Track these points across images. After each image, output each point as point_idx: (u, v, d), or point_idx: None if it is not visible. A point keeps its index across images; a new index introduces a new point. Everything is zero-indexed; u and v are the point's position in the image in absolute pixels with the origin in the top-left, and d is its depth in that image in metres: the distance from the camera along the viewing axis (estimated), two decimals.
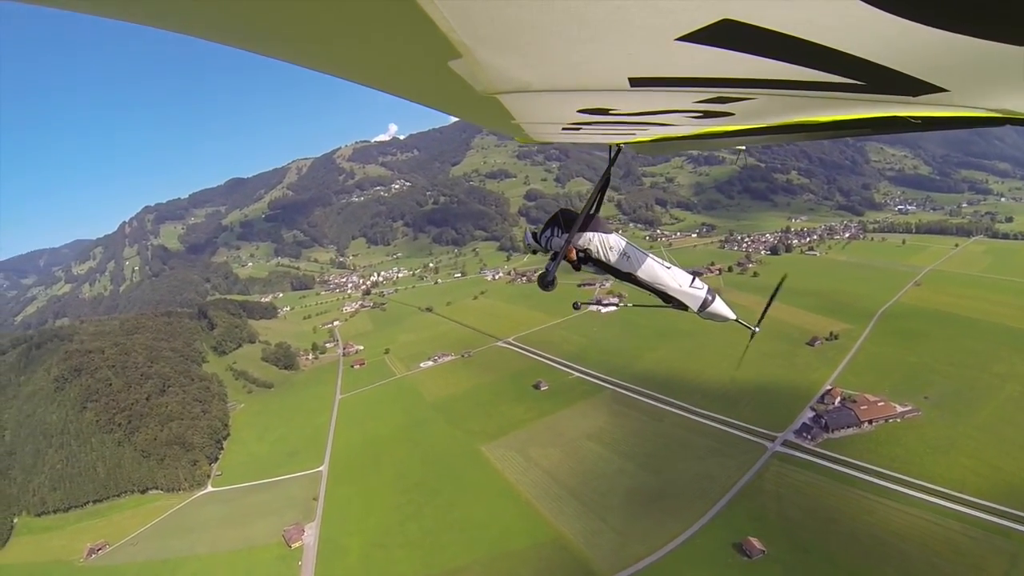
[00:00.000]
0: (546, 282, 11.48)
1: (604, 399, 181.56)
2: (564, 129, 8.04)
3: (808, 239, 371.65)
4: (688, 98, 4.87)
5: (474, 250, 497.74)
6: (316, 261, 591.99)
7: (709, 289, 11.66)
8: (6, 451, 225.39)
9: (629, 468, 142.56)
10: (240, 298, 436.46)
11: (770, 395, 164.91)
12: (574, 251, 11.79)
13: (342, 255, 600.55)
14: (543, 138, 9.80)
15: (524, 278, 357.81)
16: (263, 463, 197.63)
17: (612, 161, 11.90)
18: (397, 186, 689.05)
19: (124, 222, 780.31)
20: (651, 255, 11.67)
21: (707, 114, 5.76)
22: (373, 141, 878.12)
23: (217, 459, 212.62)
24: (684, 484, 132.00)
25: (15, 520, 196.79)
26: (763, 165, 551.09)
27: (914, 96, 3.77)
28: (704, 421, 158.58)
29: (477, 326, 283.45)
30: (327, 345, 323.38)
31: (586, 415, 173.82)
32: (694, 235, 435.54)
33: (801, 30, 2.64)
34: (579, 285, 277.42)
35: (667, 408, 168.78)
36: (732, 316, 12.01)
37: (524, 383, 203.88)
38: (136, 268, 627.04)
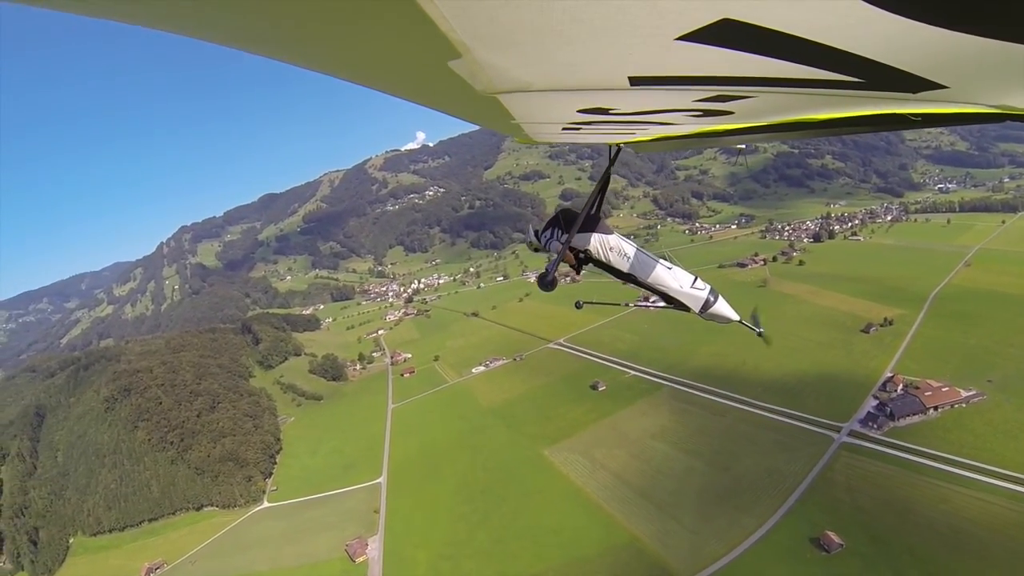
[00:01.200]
0: (545, 282, 11.64)
1: (663, 397, 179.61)
2: (564, 129, 8.26)
3: (850, 224, 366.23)
4: (688, 97, 5.07)
5: (514, 252, 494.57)
6: (355, 271, 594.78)
7: (711, 290, 11.78)
8: (59, 472, 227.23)
9: (697, 466, 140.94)
10: (282, 311, 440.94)
11: (831, 385, 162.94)
12: (571, 255, 11.93)
13: (380, 264, 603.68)
14: (543, 138, 10.16)
15: (568, 278, 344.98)
16: (319, 476, 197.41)
17: (612, 161, 11.95)
18: (431, 193, 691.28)
19: (162, 242, 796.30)
20: (652, 255, 11.84)
21: (707, 113, 5.94)
22: (403, 150, 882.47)
23: (271, 474, 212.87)
24: (754, 479, 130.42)
25: (71, 540, 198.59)
26: (796, 151, 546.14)
27: (914, 93, 3.84)
28: (767, 415, 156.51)
29: (525, 328, 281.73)
30: (374, 355, 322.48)
31: (647, 414, 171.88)
32: (733, 226, 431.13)
33: (801, 29, 2.67)
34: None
35: (728, 403, 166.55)
36: (735, 317, 12.14)
37: (581, 384, 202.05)
38: (176, 287, 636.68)
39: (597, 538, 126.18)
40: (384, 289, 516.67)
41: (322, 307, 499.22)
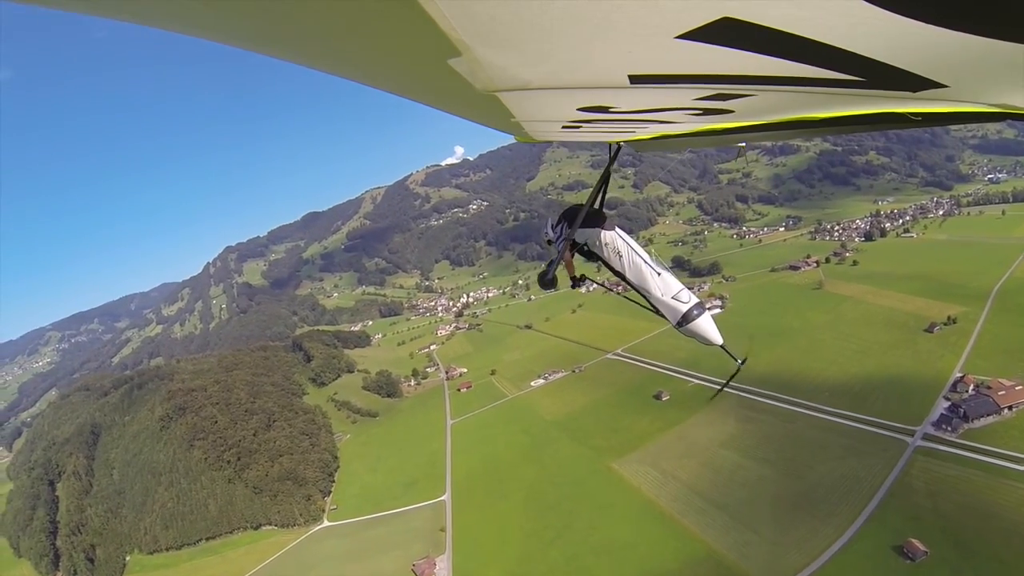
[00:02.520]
0: (545, 281, 12.28)
1: (729, 405, 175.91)
2: (564, 127, 8.28)
3: (901, 221, 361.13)
4: (688, 95, 5.13)
5: (563, 264, 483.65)
6: (402, 287, 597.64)
7: (697, 304, 10.98)
8: (115, 490, 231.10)
9: (770, 474, 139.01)
10: (331, 329, 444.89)
11: (899, 387, 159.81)
12: (571, 256, 12.41)
13: (427, 279, 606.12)
14: (543, 136, 10.06)
15: (620, 287, 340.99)
16: (379, 494, 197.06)
17: (612, 159, 12.00)
18: (475, 206, 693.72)
19: (208, 263, 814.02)
20: (645, 257, 11.50)
21: (707, 111, 6.00)
22: (444, 164, 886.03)
23: (330, 492, 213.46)
24: (830, 487, 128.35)
25: (127, 558, 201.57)
26: (839, 148, 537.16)
27: (914, 92, 3.90)
28: (836, 420, 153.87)
29: (581, 340, 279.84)
30: (428, 370, 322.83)
31: (714, 423, 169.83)
32: (781, 228, 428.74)
33: (801, 28, 2.69)
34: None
35: (795, 409, 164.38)
36: (718, 341, 11.08)
37: (643, 394, 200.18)
38: (223, 306, 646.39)
39: (674, 551, 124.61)
40: (433, 304, 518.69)
41: (371, 323, 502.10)
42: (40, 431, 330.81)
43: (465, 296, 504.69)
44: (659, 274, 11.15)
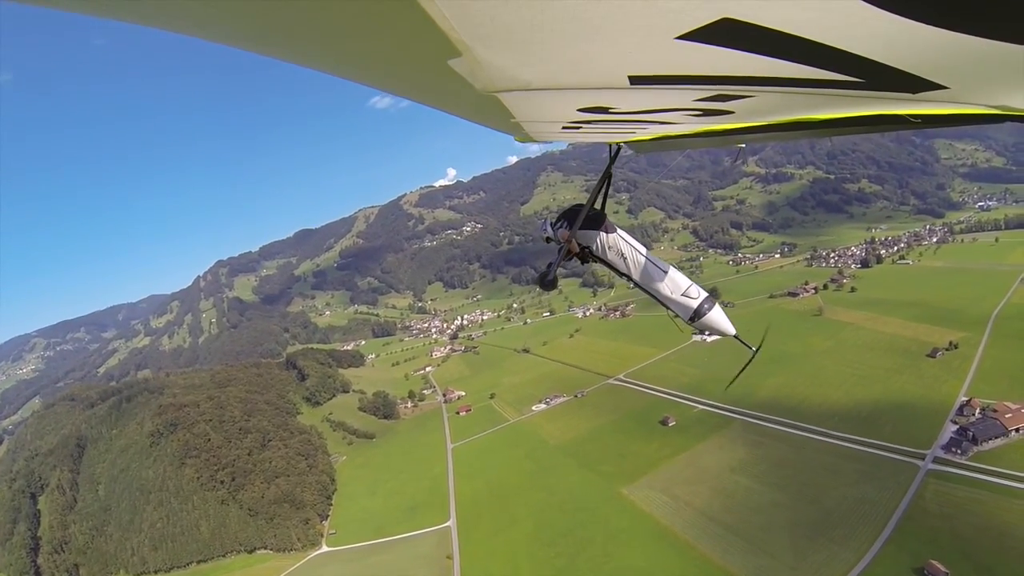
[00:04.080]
0: (546, 281, 12.45)
1: (736, 430, 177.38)
2: (564, 128, 8.36)
3: (896, 248, 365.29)
4: (688, 96, 5.17)
5: (559, 289, 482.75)
6: (394, 307, 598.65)
7: (707, 299, 11.58)
8: (101, 507, 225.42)
9: (783, 500, 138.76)
10: (325, 347, 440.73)
11: (906, 412, 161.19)
12: (576, 245, 12.24)
13: (420, 300, 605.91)
14: (543, 137, 10.13)
15: (617, 313, 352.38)
16: (380, 519, 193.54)
17: (612, 159, 11.95)
18: (469, 228, 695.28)
19: (199, 276, 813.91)
20: (651, 257, 11.86)
21: (707, 112, 6.05)
22: (437, 185, 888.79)
23: (328, 516, 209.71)
24: (845, 511, 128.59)
25: None
26: (832, 176, 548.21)
27: (913, 93, 3.97)
28: (845, 444, 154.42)
29: (582, 364, 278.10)
30: (424, 392, 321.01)
31: (723, 448, 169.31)
32: (777, 255, 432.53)
33: (801, 29, 2.71)
34: None
35: (804, 435, 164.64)
36: (731, 331, 11.73)
37: (649, 420, 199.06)
38: (213, 320, 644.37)
39: None
40: (427, 325, 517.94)
41: (363, 343, 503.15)
42: (23, 440, 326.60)
43: (459, 318, 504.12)
44: (666, 273, 11.69)
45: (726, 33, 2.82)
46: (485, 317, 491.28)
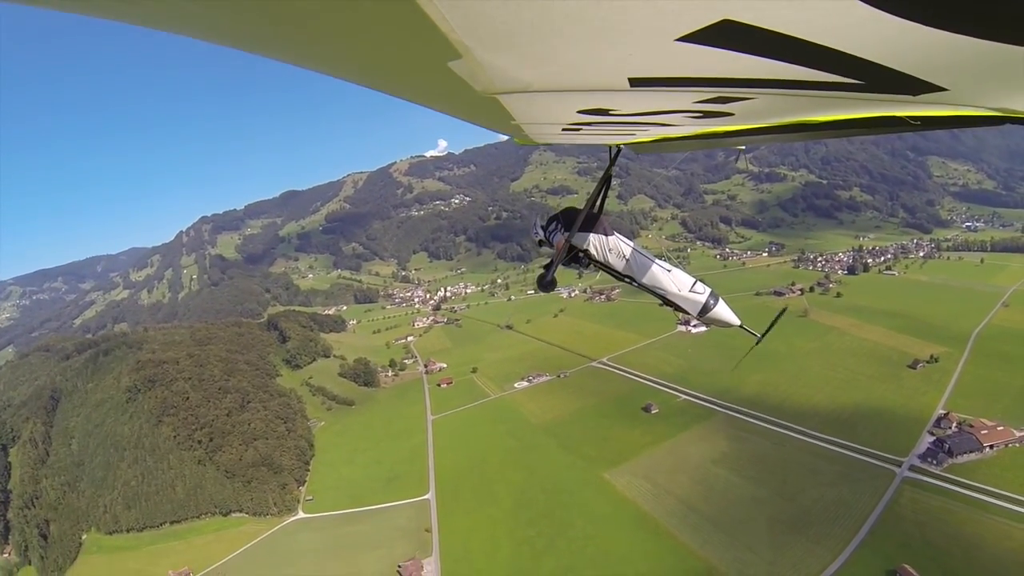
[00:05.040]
0: (544, 283, 12.42)
1: (719, 423, 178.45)
2: (564, 130, 8.43)
3: (883, 258, 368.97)
4: (688, 98, 5.19)
5: (542, 266, 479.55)
6: (378, 274, 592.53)
7: (711, 293, 11.81)
8: (74, 462, 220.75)
9: (762, 495, 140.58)
10: (306, 310, 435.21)
11: (885, 419, 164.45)
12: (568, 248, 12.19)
13: (404, 269, 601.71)
14: (543, 139, 10.24)
15: (602, 296, 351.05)
16: (358, 488, 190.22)
17: (612, 161, 12.02)
18: (457, 201, 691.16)
19: (181, 231, 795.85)
20: (652, 258, 11.97)
21: (707, 114, 6.08)
22: (428, 156, 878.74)
23: (304, 482, 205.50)
24: (822, 511, 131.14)
25: (83, 536, 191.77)
26: (825, 182, 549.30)
27: (913, 95, 3.98)
28: (825, 446, 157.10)
29: (565, 345, 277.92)
30: (405, 361, 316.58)
31: (705, 439, 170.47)
32: (765, 254, 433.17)
33: (801, 30, 2.71)
34: None
35: (785, 432, 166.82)
36: (736, 322, 12.08)
37: (632, 405, 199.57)
38: (194, 276, 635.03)
39: (671, 566, 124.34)
40: (409, 295, 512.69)
41: (345, 308, 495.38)
42: None
43: (443, 290, 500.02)
44: (670, 271, 11.82)
45: (726, 35, 2.81)
46: (469, 291, 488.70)
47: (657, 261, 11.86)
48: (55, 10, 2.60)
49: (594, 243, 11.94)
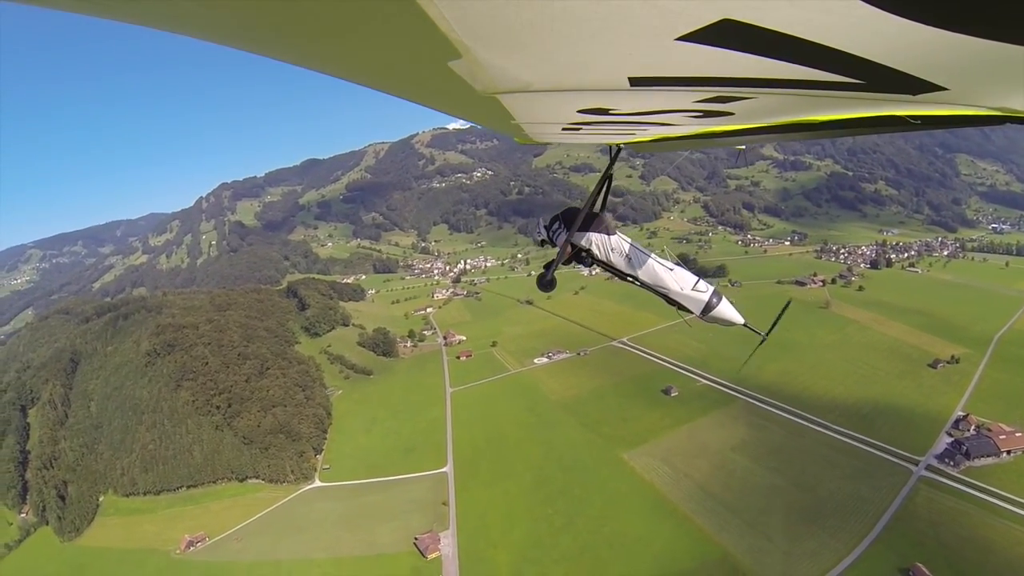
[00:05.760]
0: (544, 282, 12.31)
1: (739, 410, 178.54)
2: (564, 129, 8.38)
3: (907, 254, 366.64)
4: (688, 98, 5.17)
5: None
6: (397, 245, 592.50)
7: (714, 292, 11.66)
8: (92, 424, 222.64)
9: (780, 484, 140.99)
10: (325, 278, 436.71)
11: (903, 416, 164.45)
12: (571, 248, 12.15)
13: (424, 240, 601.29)
14: (543, 138, 10.25)
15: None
16: (376, 458, 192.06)
17: (613, 161, 11.89)
18: (479, 174, 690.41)
19: (201, 197, 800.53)
20: (654, 256, 11.86)
21: (707, 113, 6.07)
22: (451, 128, 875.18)
23: (321, 450, 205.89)
24: (839, 504, 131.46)
25: (100, 498, 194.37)
26: (850, 173, 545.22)
27: (913, 95, 3.97)
28: (844, 439, 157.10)
29: (585, 323, 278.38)
30: (424, 333, 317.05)
31: (724, 425, 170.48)
32: (787, 242, 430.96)
33: (801, 30, 2.71)
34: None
35: (805, 424, 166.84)
36: (740, 320, 11.81)
37: (651, 387, 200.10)
38: (213, 243, 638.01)
39: (689, 551, 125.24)
40: (429, 266, 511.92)
41: (364, 278, 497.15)
42: (14, 351, 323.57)
43: (463, 262, 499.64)
44: (672, 270, 11.69)
45: (726, 34, 2.85)
46: (488, 264, 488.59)
47: (659, 260, 11.85)
48: (55, 10, 2.61)
49: (596, 242, 11.96)
